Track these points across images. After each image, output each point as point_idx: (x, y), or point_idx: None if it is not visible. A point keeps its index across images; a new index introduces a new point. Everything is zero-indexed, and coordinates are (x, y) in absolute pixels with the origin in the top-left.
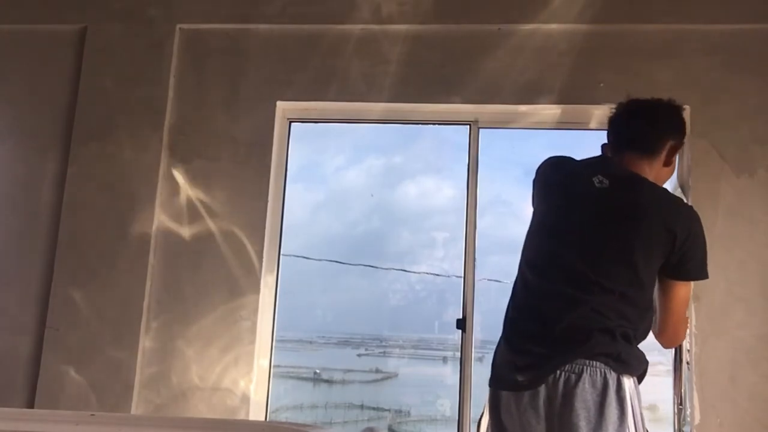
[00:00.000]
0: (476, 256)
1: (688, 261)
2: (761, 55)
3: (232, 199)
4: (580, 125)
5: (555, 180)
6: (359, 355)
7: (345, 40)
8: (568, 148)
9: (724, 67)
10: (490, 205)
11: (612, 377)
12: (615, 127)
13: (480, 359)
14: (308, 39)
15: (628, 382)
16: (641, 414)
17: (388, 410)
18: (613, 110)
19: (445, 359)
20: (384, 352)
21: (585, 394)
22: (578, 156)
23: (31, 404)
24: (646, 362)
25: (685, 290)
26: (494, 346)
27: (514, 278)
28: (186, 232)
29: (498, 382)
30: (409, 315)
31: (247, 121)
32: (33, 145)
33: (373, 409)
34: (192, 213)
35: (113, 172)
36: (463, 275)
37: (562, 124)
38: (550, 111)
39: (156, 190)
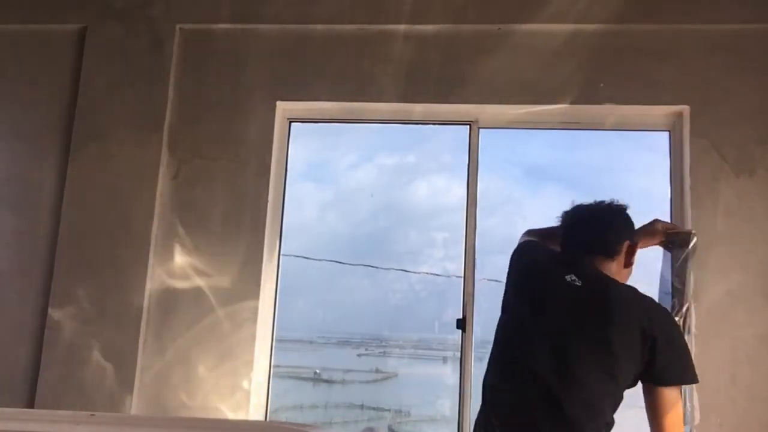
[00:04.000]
0: (476, 256)
1: (669, 365)
2: (761, 55)
3: (232, 199)
4: (579, 125)
5: (531, 273)
6: (359, 355)
7: (345, 40)
8: (568, 148)
9: (724, 67)
10: (500, 206)
11: None
12: (571, 232)
13: (480, 359)
14: (308, 39)
15: None
16: None
17: (388, 410)
18: (560, 217)
19: (445, 359)
20: (384, 352)
21: None
22: (578, 155)
23: (31, 404)
24: None
25: (671, 396)
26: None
27: None
28: (186, 232)
29: None
30: (409, 315)
31: (247, 121)
32: (33, 145)
33: (373, 409)
34: (192, 213)
35: (113, 172)
36: (463, 275)
37: (562, 124)
38: (550, 111)
39: (156, 190)
